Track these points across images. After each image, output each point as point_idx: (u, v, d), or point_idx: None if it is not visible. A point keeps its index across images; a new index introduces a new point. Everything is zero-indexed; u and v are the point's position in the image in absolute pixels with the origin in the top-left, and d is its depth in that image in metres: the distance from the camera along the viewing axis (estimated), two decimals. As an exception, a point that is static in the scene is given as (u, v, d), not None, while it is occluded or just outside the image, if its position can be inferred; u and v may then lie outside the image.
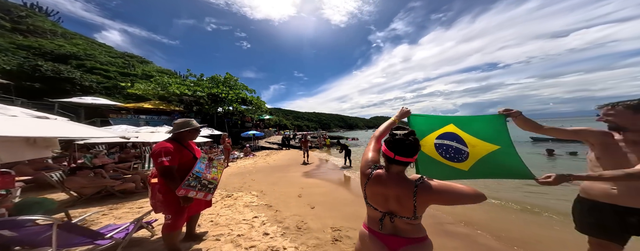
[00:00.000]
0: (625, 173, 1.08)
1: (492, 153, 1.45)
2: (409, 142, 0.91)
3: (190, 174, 1.84)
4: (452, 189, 0.88)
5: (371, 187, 0.99)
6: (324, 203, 3.72)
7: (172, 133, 2.03)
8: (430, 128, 1.51)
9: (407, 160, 0.92)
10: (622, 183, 1.19)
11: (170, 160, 1.78)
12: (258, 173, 6.98)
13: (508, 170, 1.43)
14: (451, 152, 1.46)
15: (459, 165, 1.45)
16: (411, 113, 1.43)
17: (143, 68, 33.10)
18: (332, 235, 2.44)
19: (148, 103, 19.62)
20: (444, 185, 0.89)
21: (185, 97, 20.20)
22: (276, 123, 50.68)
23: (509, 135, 1.47)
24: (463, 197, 0.87)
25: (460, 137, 1.48)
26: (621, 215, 1.21)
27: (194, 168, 1.88)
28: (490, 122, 1.50)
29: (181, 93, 19.27)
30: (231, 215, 3.07)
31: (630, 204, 1.18)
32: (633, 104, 1.19)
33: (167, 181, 1.79)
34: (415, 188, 0.89)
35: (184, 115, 20.76)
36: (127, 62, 33.51)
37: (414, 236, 0.93)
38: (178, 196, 1.79)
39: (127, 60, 34.27)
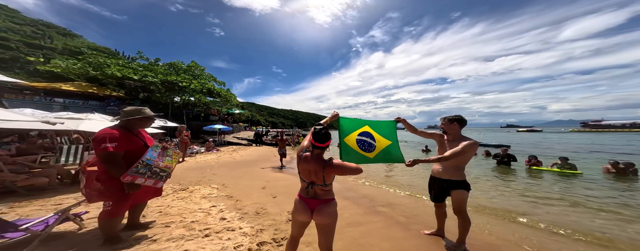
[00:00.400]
0: (438, 158, 1.92)
1: (387, 146, 2.19)
2: (322, 133, 1.37)
3: (139, 161, 1.79)
4: (345, 166, 1.34)
5: (301, 165, 1.40)
6: (287, 193, 3.89)
7: (119, 120, 1.92)
8: (354, 128, 2.12)
9: (321, 146, 1.38)
10: (442, 164, 2.03)
11: (115, 146, 1.71)
12: (221, 167, 6.69)
13: (394, 157, 2.19)
14: (366, 145, 2.12)
15: (368, 154, 2.11)
16: (339, 116, 1.99)
17: (66, 42, 26.39)
18: (287, 217, 2.66)
19: (68, 85, 16.30)
20: (341, 164, 1.34)
21: (127, 81, 17.41)
22: (248, 118, 48.11)
23: (397, 135, 2.28)
24: (351, 171, 1.35)
25: (371, 135, 2.17)
26: (440, 183, 2.06)
27: (145, 155, 1.84)
28: (388, 126, 2.28)
29: (123, 77, 16.55)
30: (185, 206, 2.99)
31: (444, 176, 2.02)
32: (448, 118, 2.07)
33: (109, 167, 1.71)
34: (324, 165, 1.32)
35: (125, 102, 18.02)
36: (41, 32, 27.06)
37: (325, 198, 1.38)
38: (121, 183, 1.73)
39: (41, 30, 27.64)
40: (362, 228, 2.48)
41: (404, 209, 3.24)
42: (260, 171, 6.28)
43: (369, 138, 2.14)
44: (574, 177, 5.89)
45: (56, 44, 25.01)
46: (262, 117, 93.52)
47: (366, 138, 2.13)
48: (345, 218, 2.66)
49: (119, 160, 1.75)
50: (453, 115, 2.07)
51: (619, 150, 13.62)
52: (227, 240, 2.06)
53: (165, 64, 20.48)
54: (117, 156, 1.74)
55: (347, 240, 2.17)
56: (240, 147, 13.72)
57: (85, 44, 27.97)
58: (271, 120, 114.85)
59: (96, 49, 26.85)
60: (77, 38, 31.24)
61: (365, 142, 2.11)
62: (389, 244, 2.15)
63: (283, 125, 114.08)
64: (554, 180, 5.72)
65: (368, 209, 3.15)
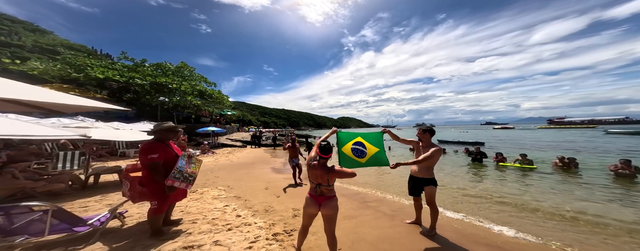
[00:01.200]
0: (413, 161, 2.53)
1: (376, 153, 2.72)
2: (327, 148, 1.88)
3: (175, 168, 2.20)
4: (343, 172, 1.84)
5: (310, 171, 1.92)
6: (289, 193, 4.37)
7: (151, 134, 2.32)
8: (349, 139, 2.66)
9: (326, 157, 1.89)
10: (417, 165, 2.61)
11: (157, 156, 2.11)
12: (221, 170, 7.00)
13: (381, 161, 2.71)
14: (358, 153, 2.61)
15: (360, 159, 2.64)
16: (338, 130, 2.60)
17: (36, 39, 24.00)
18: (293, 213, 3.15)
19: (47, 87, 15.48)
20: (340, 170, 1.85)
21: (110, 82, 16.80)
22: (239, 118, 47.41)
23: (383, 143, 2.82)
24: (347, 175, 1.84)
25: (363, 144, 2.70)
26: (416, 181, 2.63)
27: (177, 164, 2.24)
28: (376, 136, 2.82)
29: (106, 79, 16.02)
30: (201, 206, 3.39)
31: (418, 175, 2.60)
32: (422, 129, 2.64)
33: (154, 173, 2.11)
34: (328, 171, 1.83)
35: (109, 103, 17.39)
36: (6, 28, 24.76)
37: (329, 195, 1.88)
38: (162, 186, 2.14)
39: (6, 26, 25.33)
40: (356, 220, 3.03)
41: (390, 204, 3.85)
42: (259, 173, 6.67)
43: (361, 147, 2.67)
44: (531, 171, 6.97)
45: (24, 41, 22.88)
46: (253, 117, 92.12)
47: (359, 147, 2.66)
48: (341, 212, 3.17)
49: (161, 168, 2.15)
50: (426, 126, 2.69)
51: (568, 146, 15.13)
52: (247, 232, 2.52)
53: (151, 65, 19.90)
54: (159, 164, 2.14)
55: (344, 230, 2.70)
56: (236, 149, 13.89)
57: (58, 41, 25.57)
58: (263, 119, 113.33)
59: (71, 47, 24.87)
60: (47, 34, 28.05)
61: (358, 149, 2.64)
62: (378, 232, 2.71)
63: (275, 124, 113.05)
64: (515, 174, 6.67)
65: (361, 204, 3.72)
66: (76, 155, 6.16)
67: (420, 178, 2.59)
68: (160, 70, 19.98)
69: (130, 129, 6.69)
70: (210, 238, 2.29)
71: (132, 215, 2.86)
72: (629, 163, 5.90)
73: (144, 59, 19.89)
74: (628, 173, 5.76)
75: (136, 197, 2.25)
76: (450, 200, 4.33)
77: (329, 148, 1.90)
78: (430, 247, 2.36)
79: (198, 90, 21.09)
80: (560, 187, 5.29)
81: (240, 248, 2.16)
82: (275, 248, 2.20)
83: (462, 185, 5.59)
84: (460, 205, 4.10)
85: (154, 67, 19.85)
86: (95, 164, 7.01)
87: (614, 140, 18.19)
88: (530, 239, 2.74)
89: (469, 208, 3.92)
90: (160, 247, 2.07)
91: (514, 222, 3.29)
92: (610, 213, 3.67)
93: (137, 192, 2.23)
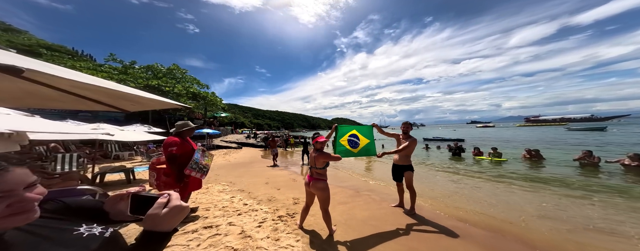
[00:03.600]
0: (396, 150, 3.11)
1: (367, 144, 3.11)
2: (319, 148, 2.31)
3: (191, 160, 2.57)
4: (328, 155, 2.24)
5: (310, 156, 2.41)
6: (288, 186, 4.78)
7: (175, 131, 2.68)
8: (347, 131, 3.05)
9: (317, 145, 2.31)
10: (398, 154, 3.12)
11: (176, 149, 2.48)
12: (220, 169, 7.28)
13: (371, 151, 3.08)
14: (353, 144, 3.02)
15: (354, 150, 3.01)
16: (337, 125, 2.92)
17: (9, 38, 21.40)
18: (293, 201, 3.58)
19: None
20: (325, 154, 2.24)
21: None
22: (232, 120, 46.90)
23: (373, 135, 3.18)
24: (332, 158, 2.24)
25: (357, 136, 3.08)
26: (397, 168, 3.17)
27: (194, 156, 2.62)
28: (368, 129, 3.19)
29: None
30: (210, 198, 3.74)
31: (399, 163, 3.15)
32: (405, 123, 3.20)
33: (170, 164, 2.48)
34: (315, 154, 2.28)
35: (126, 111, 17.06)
36: None
37: (317, 178, 2.29)
38: (183, 176, 2.50)
39: None
40: (349, 205, 3.50)
41: (379, 192, 4.35)
42: (258, 170, 7.03)
43: (356, 138, 3.06)
44: (500, 162, 7.99)
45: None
46: (246, 119, 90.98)
47: (354, 138, 3.04)
48: (336, 200, 3.65)
49: (177, 160, 2.50)
50: (408, 122, 3.23)
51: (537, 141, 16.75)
52: (255, 215, 2.92)
53: (142, 67, 19.58)
54: (176, 157, 2.51)
55: (339, 212, 3.16)
56: (231, 150, 14.06)
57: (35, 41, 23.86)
58: (256, 121, 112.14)
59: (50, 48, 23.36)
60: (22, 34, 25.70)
61: (353, 141, 3.03)
62: (368, 213, 3.19)
63: (269, 126, 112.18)
64: (487, 165, 7.63)
65: (354, 193, 4.20)
66: (74, 157, 6.28)
67: (401, 165, 3.11)
68: (151, 72, 19.71)
69: (133, 130, 6.85)
70: (224, 221, 2.68)
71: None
72: (590, 153, 6.78)
73: (133, 61, 19.53)
74: (589, 163, 6.63)
75: (162, 186, 2.61)
76: (428, 186, 4.91)
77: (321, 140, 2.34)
78: (410, 222, 2.86)
79: (191, 92, 20.96)
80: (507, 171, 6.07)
81: (251, 227, 2.57)
82: (281, 226, 2.62)
83: (441, 175, 6.24)
84: (437, 191, 4.68)
85: (145, 69, 19.56)
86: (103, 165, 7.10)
87: (573, 135, 22.15)
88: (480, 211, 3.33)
89: (443, 193, 4.50)
90: (184, 227, 2.44)
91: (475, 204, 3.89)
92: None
93: (162, 182, 2.59)
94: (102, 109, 1.68)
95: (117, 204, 0.64)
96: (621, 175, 5.61)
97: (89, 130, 3.39)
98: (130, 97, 1.38)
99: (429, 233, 2.57)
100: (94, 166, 4.90)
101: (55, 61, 16.35)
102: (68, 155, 6.27)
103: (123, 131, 4.98)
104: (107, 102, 1.53)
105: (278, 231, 2.48)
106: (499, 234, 2.61)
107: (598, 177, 5.65)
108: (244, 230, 2.47)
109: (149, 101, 1.47)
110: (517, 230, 2.76)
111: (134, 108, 1.75)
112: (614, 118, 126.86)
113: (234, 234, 2.36)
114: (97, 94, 1.37)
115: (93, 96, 1.41)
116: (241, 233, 2.38)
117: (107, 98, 1.45)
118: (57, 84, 1.17)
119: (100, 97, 1.44)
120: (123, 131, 4.98)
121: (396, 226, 2.71)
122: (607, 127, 33.07)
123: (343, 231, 2.54)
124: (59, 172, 4.39)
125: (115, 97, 1.45)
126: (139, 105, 1.71)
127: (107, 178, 5.20)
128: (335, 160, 2.26)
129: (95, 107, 1.60)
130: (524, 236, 2.56)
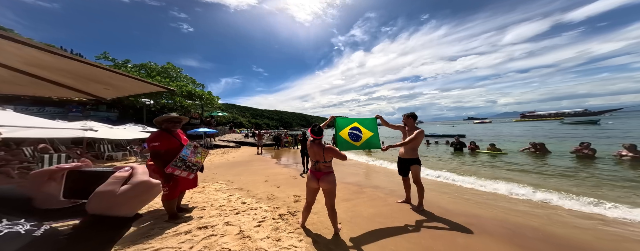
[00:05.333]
0: (401, 143, 2.88)
1: (370, 137, 2.96)
2: (317, 130, 2.16)
3: (177, 157, 2.34)
4: (335, 151, 2.09)
5: (309, 150, 2.19)
6: (288, 184, 4.58)
7: (157, 124, 2.46)
8: (347, 124, 2.93)
9: (317, 138, 2.16)
10: (404, 147, 2.93)
11: (158, 145, 2.26)
12: (217, 168, 7.04)
13: (374, 144, 2.95)
14: (354, 137, 2.87)
15: (356, 143, 2.90)
16: (335, 117, 2.86)
17: None
18: (294, 198, 3.38)
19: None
20: (333, 149, 2.10)
21: None
22: (230, 120, 46.47)
23: (377, 128, 3.03)
24: (339, 156, 2.09)
25: (359, 129, 2.94)
26: (403, 162, 2.96)
27: (181, 152, 2.39)
28: (371, 122, 3.04)
29: None
30: (206, 197, 3.52)
31: (405, 156, 2.94)
32: (406, 114, 3.02)
33: (154, 161, 2.25)
34: (323, 148, 2.10)
35: (86, 107, 16.70)
36: None
37: (327, 171, 2.14)
38: (167, 174, 2.27)
39: None
40: (354, 202, 3.32)
41: (383, 188, 4.17)
42: (257, 169, 6.80)
43: (358, 131, 2.93)
44: (500, 155, 8.06)
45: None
46: (244, 119, 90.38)
47: (356, 131, 2.92)
48: (340, 196, 3.46)
49: (161, 156, 2.28)
50: (409, 112, 3.05)
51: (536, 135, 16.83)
52: (254, 214, 2.72)
53: (135, 66, 19.09)
54: (160, 152, 2.28)
55: (343, 209, 2.97)
56: (229, 149, 13.80)
57: None
58: (255, 121, 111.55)
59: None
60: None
61: (354, 134, 2.91)
62: (373, 210, 3.01)
63: (268, 126, 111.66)
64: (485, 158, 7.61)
65: (358, 189, 4.02)
66: (62, 158, 6.01)
67: (407, 159, 2.93)
68: (144, 70, 19.24)
69: (124, 128, 6.57)
70: (221, 220, 2.48)
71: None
72: (588, 146, 6.70)
73: (126, 60, 19.01)
74: (587, 154, 6.55)
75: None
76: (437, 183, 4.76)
77: (320, 130, 2.17)
78: (420, 219, 2.69)
79: (187, 91, 20.57)
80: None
81: (250, 226, 2.37)
82: (282, 225, 2.43)
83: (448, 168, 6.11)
84: (446, 187, 4.53)
85: (138, 68, 19.08)
86: None
87: (567, 128, 23.17)
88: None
89: (450, 189, 4.35)
90: (177, 228, 2.23)
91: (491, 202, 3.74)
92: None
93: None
94: (73, 96, 1.45)
95: (43, 186, 0.44)
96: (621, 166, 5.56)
97: (78, 126, 3.14)
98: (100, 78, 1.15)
99: (442, 230, 2.40)
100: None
101: (45, 60, 15.79)
102: (56, 155, 5.98)
103: (112, 129, 4.72)
104: (74, 85, 1.29)
105: (279, 230, 2.28)
106: (516, 228, 2.45)
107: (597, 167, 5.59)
108: (242, 230, 2.27)
109: (125, 83, 1.24)
110: (536, 223, 2.61)
111: (110, 94, 1.52)
112: (607, 112, 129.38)
113: (231, 234, 2.16)
114: (58, 74, 1.12)
115: (54, 77, 1.16)
116: (239, 234, 2.19)
117: (72, 80, 1.21)
118: (4, 60, 0.94)
119: (65, 79, 1.20)
120: (112, 129, 4.72)
121: (405, 223, 2.53)
122: (600, 120, 34.13)
123: (349, 230, 2.35)
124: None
125: (82, 78, 1.20)
126: (116, 90, 1.46)
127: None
128: (342, 158, 2.10)
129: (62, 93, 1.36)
130: (544, 230, 2.40)
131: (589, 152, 6.57)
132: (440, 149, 11.16)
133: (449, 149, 10.54)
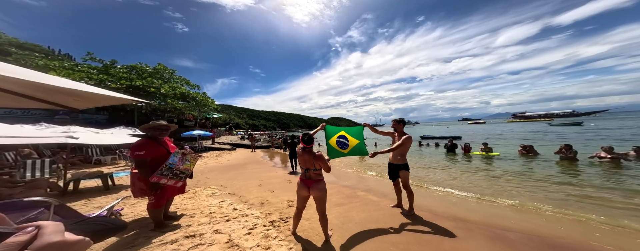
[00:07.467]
0: (388, 149, 2.89)
1: (357, 144, 3.00)
2: (307, 139, 2.18)
3: (163, 165, 2.29)
4: (324, 161, 2.10)
5: (300, 158, 2.21)
6: (282, 188, 4.55)
7: (144, 132, 2.41)
8: (334, 132, 2.96)
9: (308, 146, 2.18)
10: (393, 153, 2.96)
11: (144, 154, 2.20)
12: (211, 172, 6.94)
13: (361, 151, 2.98)
14: (342, 145, 2.89)
15: (343, 150, 2.92)
16: (325, 125, 2.85)
17: None
18: (287, 204, 3.36)
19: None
20: (322, 158, 2.11)
21: None
22: (226, 121, 45.96)
23: (363, 135, 3.07)
24: (325, 166, 2.11)
25: (346, 137, 2.96)
26: (393, 167, 3.02)
27: (168, 160, 2.34)
28: (357, 130, 3.09)
29: None
30: (196, 203, 3.46)
31: (394, 162, 2.99)
32: (396, 120, 3.06)
33: (139, 170, 2.20)
34: (313, 156, 2.11)
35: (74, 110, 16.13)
36: None
37: (317, 179, 2.15)
38: (153, 183, 2.22)
39: None
40: (346, 207, 3.32)
41: (376, 193, 4.20)
42: (252, 172, 6.72)
43: (344, 139, 2.97)
44: (492, 157, 8.21)
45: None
46: (241, 120, 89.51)
47: (342, 139, 2.96)
48: (333, 201, 3.47)
49: (147, 165, 2.23)
50: (399, 118, 3.11)
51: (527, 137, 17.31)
52: (245, 221, 2.69)
53: (124, 67, 18.57)
54: (146, 161, 2.23)
55: (335, 214, 2.97)
56: (224, 152, 13.63)
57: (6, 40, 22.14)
58: (252, 122, 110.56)
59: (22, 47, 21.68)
60: None
61: (341, 142, 2.94)
62: (365, 215, 3.02)
63: (265, 127, 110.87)
64: (479, 160, 7.70)
65: (351, 193, 4.03)
66: (46, 163, 5.81)
67: (396, 164, 2.96)
68: (135, 72, 18.77)
69: (111, 133, 6.40)
70: (210, 228, 2.44)
71: (127, 214, 2.89)
72: (569, 147, 6.93)
73: (113, 60, 18.35)
74: (568, 156, 6.77)
75: (137, 192, 2.34)
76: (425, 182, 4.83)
77: (310, 138, 2.19)
78: (409, 224, 2.71)
79: (180, 93, 20.22)
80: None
81: (240, 234, 2.34)
82: (273, 232, 2.41)
83: (440, 172, 6.19)
84: (433, 188, 4.59)
85: (128, 69, 18.60)
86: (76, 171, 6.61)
87: (554, 129, 24.45)
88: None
89: (440, 192, 4.42)
90: (163, 237, 2.18)
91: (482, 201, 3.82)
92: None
93: (137, 188, 2.31)
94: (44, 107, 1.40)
95: None
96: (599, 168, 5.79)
97: (58, 133, 3.05)
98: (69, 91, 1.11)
99: (430, 234, 2.43)
100: (66, 172, 4.49)
101: (28, 59, 15.24)
102: (39, 160, 5.78)
103: (98, 134, 4.59)
104: (44, 97, 1.25)
105: (269, 238, 2.27)
106: (503, 232, 2.51)
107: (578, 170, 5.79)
108: (232, 238, 2.25)
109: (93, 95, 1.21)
110: (522, 226, 2.67)
111: (81, 104, 1.48)
112: (593, 114, 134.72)
113: (220, 243, 2.14)
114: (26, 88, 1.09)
115: (18, 89, 1.12)
116: (228, 242, 2.16)
117: (42, 93, 1.17)
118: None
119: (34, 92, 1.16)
120: (98, 134, 4.59)
121: (395, 229, 2.55)
122: (584, 122, 37.13)
123: (339, 236, 2.35)
124: (25, 180, 3.98)
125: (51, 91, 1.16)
126: (86, 101, 1.42)
127: (82, 185, 4.79)
128: (327, 169, 2.11)
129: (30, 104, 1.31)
130: (532, 232, 2.47)
131: (570, 154, 6.80)
132: (433, 150, 11.52)
133: (442, 150, 10.86)
